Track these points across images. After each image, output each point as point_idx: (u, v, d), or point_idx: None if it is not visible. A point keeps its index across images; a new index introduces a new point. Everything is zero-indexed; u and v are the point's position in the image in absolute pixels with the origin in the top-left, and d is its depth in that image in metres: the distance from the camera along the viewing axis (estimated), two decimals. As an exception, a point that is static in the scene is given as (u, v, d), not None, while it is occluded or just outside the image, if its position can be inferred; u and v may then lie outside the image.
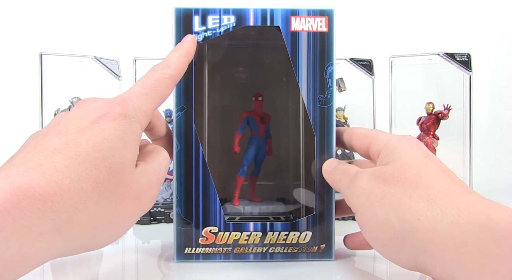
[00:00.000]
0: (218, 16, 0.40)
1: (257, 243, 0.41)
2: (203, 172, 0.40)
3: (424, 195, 0.29)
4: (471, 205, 0.27)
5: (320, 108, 0.41)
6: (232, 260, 0.41)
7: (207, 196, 0.40)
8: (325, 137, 0.41)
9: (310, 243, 0.41)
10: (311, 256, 0.42)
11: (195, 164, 0.40)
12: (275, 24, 0.40)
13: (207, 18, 0.39)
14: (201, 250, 0.41)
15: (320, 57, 0.41)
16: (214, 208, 0.40)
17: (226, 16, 0.40)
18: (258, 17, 0.40)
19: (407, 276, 0.40)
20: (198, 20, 0.39)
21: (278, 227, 0.41)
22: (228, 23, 0.40)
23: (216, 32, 0.40)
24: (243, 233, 0.41)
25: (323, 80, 0.41)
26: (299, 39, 0.40)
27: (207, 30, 0.40)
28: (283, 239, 0.41)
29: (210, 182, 0.40)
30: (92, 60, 0.56)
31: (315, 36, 0.40)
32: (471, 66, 0.54)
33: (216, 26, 0.40)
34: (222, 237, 0.40)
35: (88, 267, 0.41)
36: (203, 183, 0.40)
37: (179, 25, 0.39)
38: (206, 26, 0.39)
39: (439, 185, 0.30)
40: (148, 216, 0.54)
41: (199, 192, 0.40)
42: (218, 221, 0.40)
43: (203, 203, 0.40)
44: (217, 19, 0.40)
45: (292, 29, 0.40)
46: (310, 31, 0.40)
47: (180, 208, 0.40)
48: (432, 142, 0.58)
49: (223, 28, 0.40)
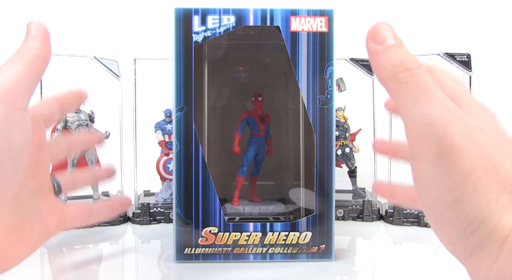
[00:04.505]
0: (218, 16, 0.39)
1: (257, 243, 0.41)
2: (202, 173, 0.40)
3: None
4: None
5: (320, 108, 0.40)
6: (232, 261, 0.41)
7: (207, 196, 0.40)
8: (325, 137, 0.41)
9: (310, 244, 0.41)
10: (311, 257, 0.41)
11: (195, 164, 0.40)
12: (275, 24, 0.40)
13: (207, 18, 0.39)
14: (201, 251, 0.41)
15: (320, 57, 0.40)
16: (214, 208, 0.40)
17: (226, 16, 0.39)
18: (258, 17, 0.40)
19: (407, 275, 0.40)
20: (198, 20, 0.39)
21: (278, 227, 0.41)
22: (228, 23, 0.39)
23: (216, 32, 0.39)
24: (243, 233, 0.41)
25: (323, 80, 0.40)
26: (299, 39, 0.40)
27: (206, 30, 0.39)
28: (282, 239, 0.41)
29: (210, 182, 0.40)
30: (92, 60, 0.56)
31: (315, 36, 0.40)
32: (471, 66, 0.54)
33: (216, 26, 0.39)
34: (222, 237, 0.40)
35: (88, 267, 0.41)
36: (202, 184, 0.40)
37: (179, 25, 0.39)
38: (206, 26, 0.39)
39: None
40: (148, 216, 0.54)
41: (199, 192, 0.40)
42: (218, 221, 0.40)
43: (203, 203, 0.40)
44: (217, 19, 0.39)
45: (292, 29, 0.40)
46: (310, 31, 0.40)
47: (180, 208, 0.40)
48: (432, 142, 0.58)
49: (222, 28, 0.39)
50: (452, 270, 0.42)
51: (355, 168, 0.62)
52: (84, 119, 0.56)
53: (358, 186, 0.62)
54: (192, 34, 0.39)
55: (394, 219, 0.55)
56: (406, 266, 0.43)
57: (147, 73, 0.58)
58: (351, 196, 0.60)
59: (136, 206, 0.55)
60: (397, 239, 0.51)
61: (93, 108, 0.58)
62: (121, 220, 0.54)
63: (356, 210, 0.57)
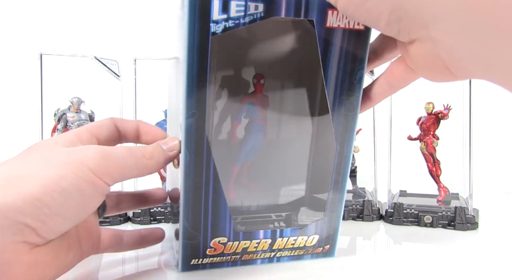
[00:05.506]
0: (243, 3, 0.31)
1: (265, 249, 0.40)
2: (213, 183, 0.36)
3: None
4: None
5: (344, 115, 0.37)
6: (239, 266, 0.40)
7: (217, 207, 0.37)
8: (344, 146, 0.38)
9: (316, 245, 0.41)
10: (315, 256, 0.41)
11: (206, 175, 0.35)
12: (309, 17, 0.33)
13: (230, 4, 0.31)
14: (209, 260, 0.38)
15: (352, 58, 0.35)
16: (224, 219, 0.37)
17: (254, 3, 0.32)
18: (291, 7, 0.32)
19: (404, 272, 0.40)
20: (218, 6, 0.31)
21: (288, 233, 0.40)
22: (256, 13, 0.32)
23: (240, 22, 0.32)
24: (253, 241, 0.39)
25: (352, 85, 0.36)
26: (334, 36, 0.34)
27: (228, 19, 0.31)
28: (291, 243, 0.40)
29: (221, 193, 0.36)
30: (92, 60, 0.56)
31: (351, 35, 0.35)
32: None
33: (241, 15, 0.31)
34: (231, 246, 0.38)
35: (88, 267, 0.41)
36: (213, 195, 0.36)
37: (193, 11, 0.30)
38: (228, 14, 0.31)
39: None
40: (148, 216, 0.54)
41: (209, 204, 0.36)
42: (227, 231, 0.37)
43: (213, 215, 0.37)
44: (242, 6, 0.31)
45: (328, 25, 0.34)
46: (347, 28, 0.34)
47: (188, 221, 0.36)
48: (432, 142, 0.58)
49: (248, 18, 0.32)
50: (452, 270, 0.42)
51: (355, 168, 0.62)
52: (84, 119, 0.56)
53: (358, 186, 0.62)
54: (210, 23, 0.31)
55: (394, 219, 0.55)
56: (406, 266, 0.43)
57: (147, 73, 0.59)
58: (351, 196, 0.60)
59: (136, 206, 0.56)
60: (397, 239, 0.51)
61: (93, 108, 0.58)
62: (121, 220, 0.54)
63: (356, 210, 0.57)
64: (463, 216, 0.52)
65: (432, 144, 0.58)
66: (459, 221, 0.52)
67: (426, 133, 0.58)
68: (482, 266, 0.43)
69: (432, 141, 0.58)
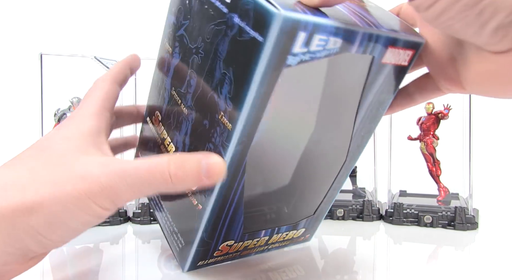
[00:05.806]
0: (326, 37, 0.27)
1: (262, 244, 0.42)
2: (238, 200, 0.35)
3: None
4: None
5: (362, 136, 0.38)
6: (235, 260, 0.42)
7: (235, 217, 0.36)
8: (352, 160, 0.40)
9: (301, 236, 0.45)
10: (296, 243, 0.47)
11: (233, 195, 0.34)
12: (373, 54, 0.31)
13: (313, 38, 0.27)
14: (213, 260, 0.40)
15: (387, 90, 0.35)
16: (237, 225, 0.37)
17: (334, 38, 0.28)
18: (363, 44, 0.29)
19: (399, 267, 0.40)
20: (303, 39, 0.27)
21: (283, 229, 0.42)
22: (333, 48, 0.28)
23: (316, 56, 0.28)
24: (254, 239, 0.40)
25: (378, 112, 0.37)
26: (383, 70, 0.33)
27: (307, 52, 0.28)
28: (283, 237, 0.43)
29: (242, 204, 0.36)
30: (92, 60, 0.56)
31: (396, 70, 0.33)
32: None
33: (319, 50, 0.28)
34: (236, 246, 0.40)
35: (88, 267, 0.41)
36: (235, 207, 0.35)
37: (278, 41, 0.26)
38: (308, 47, 0.27)
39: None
40: (149, 216, 0.54)
41: (228, 216, 0.36)
42: (236, 235, 0.38)
43: (229, 223, 0.37)
44: (324, 41, 0.28)
45: (383, 61, 0.32)
46: (396, 64, 0.33)
47: (206, 233, 0.36)
48: (432, 142, 0.58)
49: (324, 52, 0.28)
50: (452, 270, 0.42)
51: (355, 168, 0.62)
52: (84, 119, 0.56)
53: (358, 186, 0.62)
54: (289, 54, 0.27)
55: (394, 219, 0.55)
56: (406, 266, 0.43)
57: (147, 73, 0.59)
58: (351, 196, 0.60)
59: (137, 206, 0.55)
60: (397, 239, 0.51)
61: (93, 108, 0.58)
62: (121, 220, 0.54)
63: (356, 210, 0.57)
64: (463, 216, 0.52)
65: (432, 144, 0.58)
66: (459, 221, 0.53)
67: (426, 133, 0.58)
68: (482, 266, 0.43)
69: (432, 141, 0.58)
